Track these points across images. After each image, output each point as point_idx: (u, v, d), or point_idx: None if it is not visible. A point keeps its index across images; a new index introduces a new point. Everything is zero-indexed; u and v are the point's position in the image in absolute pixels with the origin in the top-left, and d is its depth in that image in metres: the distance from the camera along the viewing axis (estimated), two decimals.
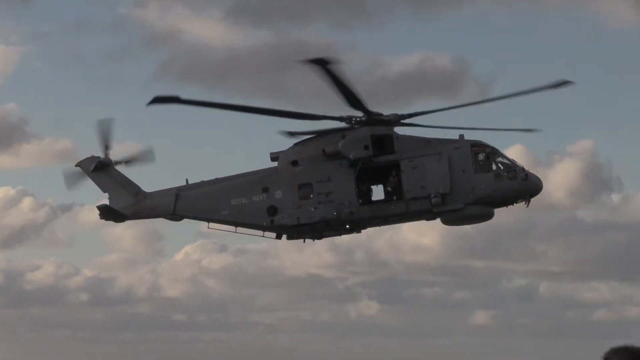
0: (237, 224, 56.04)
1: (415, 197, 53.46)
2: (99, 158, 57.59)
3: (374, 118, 53.93)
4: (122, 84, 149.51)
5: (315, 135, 55.47)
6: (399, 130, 54.70)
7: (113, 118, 58.51)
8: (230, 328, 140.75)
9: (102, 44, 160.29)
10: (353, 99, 51.61)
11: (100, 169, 57.39)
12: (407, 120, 54.38)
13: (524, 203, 53.89)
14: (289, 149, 55.84)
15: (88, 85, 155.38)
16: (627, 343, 14.89)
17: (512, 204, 54.00)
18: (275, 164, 55.97)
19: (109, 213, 56.54)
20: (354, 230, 55.66)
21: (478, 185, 53.24)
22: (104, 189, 57.44)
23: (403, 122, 54.39)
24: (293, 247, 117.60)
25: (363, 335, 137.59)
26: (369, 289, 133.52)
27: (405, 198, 53.63)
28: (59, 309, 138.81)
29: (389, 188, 54.82)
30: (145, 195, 57.17)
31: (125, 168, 58.33)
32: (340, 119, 54.19)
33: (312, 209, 53.98)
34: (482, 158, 53.79)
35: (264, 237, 56.23)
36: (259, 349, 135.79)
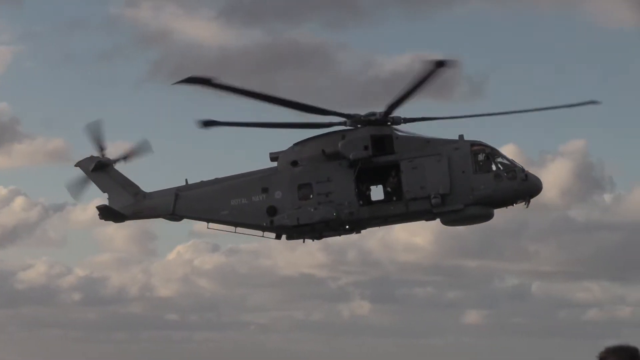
0: (236, 224, 55.93)
1: (415, 197, 53.41)
2: (99, 158, 57.33)
3: (381, 119, 53.94)
4: (114, 84, 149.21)
5: (315, 136, 55.48)
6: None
7: (100, 119, 58.33)
8: (223, 328, 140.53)
9: (94, 44, 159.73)
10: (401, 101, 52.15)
11: (100, 169, 57.17)
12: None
13: (524, 203, 53.96)
14: (289, 149, 55.73)
15: (80, 85, 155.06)
16: (621, 342, 14.87)
17: (512, 205, 53.97)
18: (275, 164, 55.86)
19: (109, 213, 56.34)
20: (354, 231, 55.63)
21: (478, 186, 53.20)
22: (104, 189, 57.20)
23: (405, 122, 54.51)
24: (285, 246, 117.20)
25: (355, 335, 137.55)
26: (362, 289, 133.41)
27: (405, 198, 53.58)
28: (51, 309, 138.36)
29: (389, 188, 54.73)
30: (145, 196, 56.98)
31: (125, 165, 58.20)
32: (347, 116, 54.02)
33: (311, 210, 53.90)
34: (481, 158, 53.74)
35: (264, 237, 56.22)
36: (251, 349, 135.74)
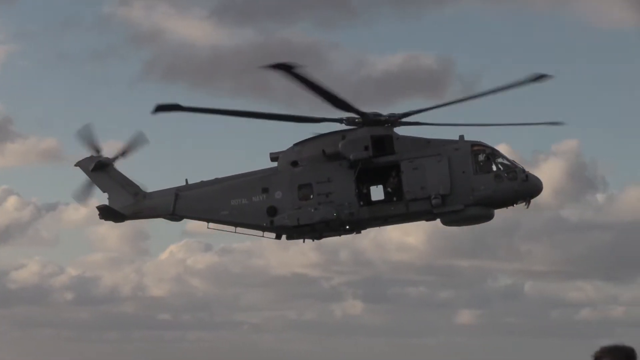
0: (236, 225, 55.84)
1: (415, 198, 53.40)
2: (98, 158, 57.19)
3: (372, 119, 53.93)
4: (107, 83, 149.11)
5: (315, 136, 55.45)
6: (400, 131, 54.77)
7: (90, 123, 58.14)
8: (215, 327, 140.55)
9: (87, 43, 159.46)
10: (336, 101, 51.54)
11: (100, 169, 57.01)
12: (407, 119, 54.41)
13: (524, 204, 54.03)
14: (289, 150, 55.66)
15: (73, 84, 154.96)
16: (617, 342, 14.88)
17: (512, 205, 53.98)
18: (275, 164, 55.81)
19: (109, 213, 56.18)
20: (354, 231, 55.57)
21: (478, 186, 53.20)
22: (104, 189, 57.01)
23: (403, 121, 54.41)
24: (278, 246, 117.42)
25: (348, 335, 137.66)
26: (354, 288, 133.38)
27: (405, 199, 53.55)
28: (44, 308, 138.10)
29: (389, 189, 54.68)
30: (145, 195, 56.83)
31: (124, 160, 58.04)
32: (340, 121, 54.20)
33: (312, 210, 53.85)
34: (482, 159, 53.75)
35: (264, 237, 56.21)
36: (244, 349, 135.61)
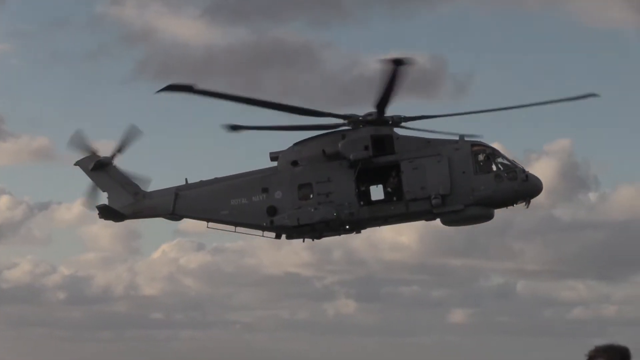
0: (236, 224, 55.78)
1: (415, 198, 53.35)
2: (98, 157, 57.21)
3: (378, 118, 53.99)
4: (99, 82, 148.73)
5: (315, 136, 55.42)
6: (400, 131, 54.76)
7: (80, 129, 58.33)
8: (208, 326, 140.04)
9: (79, 42, 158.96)
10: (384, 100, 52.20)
11: (100, 168, 56.95)
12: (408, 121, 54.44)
13: (524, 204, 53.96)
14: (289, 149, 55.62)
15: (65, 83, 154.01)
16: (612, 342, 14.82)
17: (512, 205, 53.91)
18: (275, 164, 55.77)
19: (108, 213, 56.15)
20: (354, 231, 55.57)
21: (478, 186, 53.15)
22: (103, 188, 56.93)
23: (405, 121, 54.45)
24: (271, 245, 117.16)
25: (341, 334, 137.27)
26: (347, 288, 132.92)
27: (405, 199, 53.50)
28: (36, 308, 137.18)
29: (389, 189, 54.63)
30: (145, 195, 56.78)
31: (122, 156, 57.97)
32: (344, 117, 54.10)
33: (312, 210, 53.80)
34: (482, 159, 53.70)
35: (264, 236, 56.17)
36: (237, 348, 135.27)
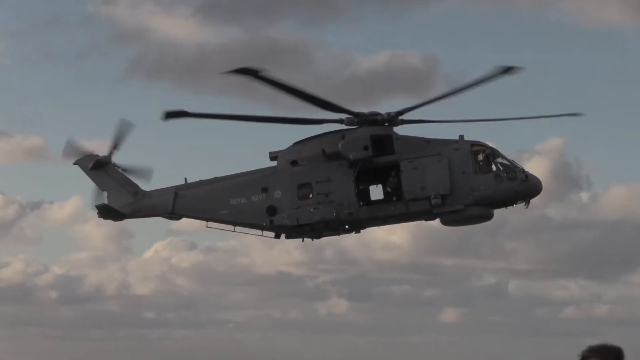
0: (236, 224, 55.75)
1: (415, 198, 53.34)
2: (97, 156, 57.18)
3: (368, 119, 53.85)
4: (92, 81, 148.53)
5: (314, 136, 55.40)
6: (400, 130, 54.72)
7: (72, 137, 58.80)
8: (200, 326, 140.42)
9: (72, 41, 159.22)
10: (321, 103, 51.48)
11: (99, 168, 56.93)
12: (405, 116, 54.32)
13: (524, 204, 53.97)
14: (289, 149, 55.57)
15: (58, 83, 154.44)
16: (605, 341, 14.83)
17: (511, 205, 53.97)
18: (275, 164, 55.72)
19: (108, 212, 56.09)
20: (353, 231, 55.55)
21: (478, 186, 53.17)
22: (103, 188, 56.87)
23: (404, 119, 54.36)
24: (263, 245, 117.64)
25: (333, 333, 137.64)
26: (339, 287, 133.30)
27: (405, 199, 53.49)
28: (28, 307, 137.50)
29: (389, 189, 54.61)
30: (144, 194, 56.76)
31: (118, 152, 57.94)
32: (340, 122, 54.14)
33: (311, 210, 53.77)
34: (482, 159, 53.73)
35: (263, 236, 56.16)
36: (229, 347, 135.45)
